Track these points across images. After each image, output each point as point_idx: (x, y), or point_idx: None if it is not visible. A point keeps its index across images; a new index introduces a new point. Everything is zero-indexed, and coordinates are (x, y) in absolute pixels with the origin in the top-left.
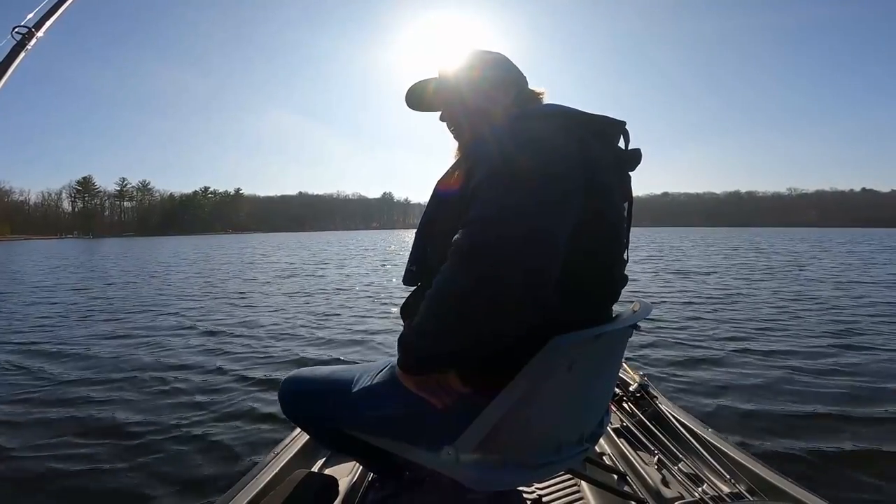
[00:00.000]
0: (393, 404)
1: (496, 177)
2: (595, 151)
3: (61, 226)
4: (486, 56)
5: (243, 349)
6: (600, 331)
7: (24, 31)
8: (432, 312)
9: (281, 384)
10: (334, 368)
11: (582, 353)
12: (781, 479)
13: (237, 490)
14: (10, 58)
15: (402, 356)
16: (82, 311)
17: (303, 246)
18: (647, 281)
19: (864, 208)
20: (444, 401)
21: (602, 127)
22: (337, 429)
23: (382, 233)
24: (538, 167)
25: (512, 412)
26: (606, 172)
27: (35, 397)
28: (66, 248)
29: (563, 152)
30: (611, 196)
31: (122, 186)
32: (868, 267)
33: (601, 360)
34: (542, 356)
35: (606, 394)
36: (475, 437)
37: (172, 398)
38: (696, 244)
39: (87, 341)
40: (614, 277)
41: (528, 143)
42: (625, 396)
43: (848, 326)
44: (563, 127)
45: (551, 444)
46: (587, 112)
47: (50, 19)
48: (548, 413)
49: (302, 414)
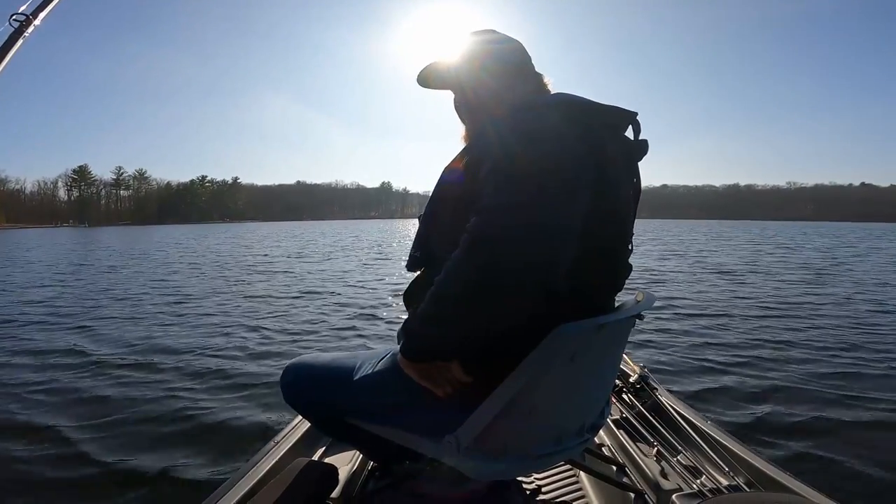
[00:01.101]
0: (394, 392)
1: (501, 169)
2: (602, 141)
3: (57, 214)
4: (489, 47)
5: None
6: (604, 320)
7: (21, 19)
8: (438, 300)
9: (283, 371)
10: (336, 355)
11: (585, 343)
12: (779, 472)
13: (237, 479)
14: (7, 45)
15: (405, 343)
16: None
17: (293, 236)
18: (698, 285)
19: (863, 203)
20: (447, 390)
21: (610, 117)
22: (337, 417)
23: (380, 222)
24: (539, 159)
25: (514, 402)
26: (614, 162)
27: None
28: (52, 238)
29: (564, 143)
30: (618, 187)
31: (118, 175)
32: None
33: (604, 350)
34: (546, 345)
35: (608, 384)
36: (477, 426)
37: (162, 388)
38: (711, 237)
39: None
40: (619, 267)
41: (528, 135)
42: (625, 387)
43: (858, 323)
44: (565, 117)
45: (552, 435)
46: (595, 101)
47: (48, 7)
48: (550, 403)
49: (303, 401)
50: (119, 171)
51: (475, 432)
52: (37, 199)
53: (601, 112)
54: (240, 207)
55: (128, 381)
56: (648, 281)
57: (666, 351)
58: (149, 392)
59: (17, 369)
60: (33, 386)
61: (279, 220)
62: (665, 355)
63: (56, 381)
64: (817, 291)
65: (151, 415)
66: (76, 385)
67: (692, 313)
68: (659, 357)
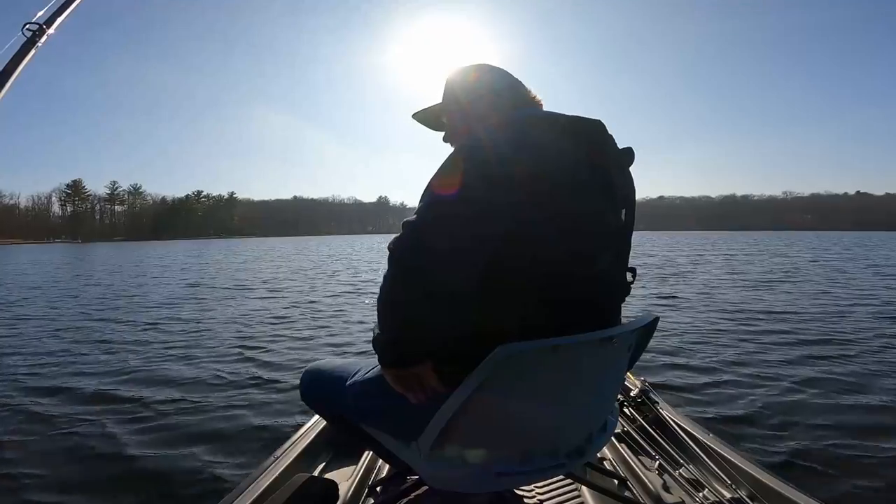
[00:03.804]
0: (377, 396)
1: (430, 184)
2: (549, 154)
3: (51, 230)
4: (469, 84)
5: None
6: (560, 342)
7: (34, 28)
8: (379, 304)
9: (302, 374)
10: (346, 360)
11: (539, 364)
12: (783, 485)
13: (237, 493)
14: (20, 54)
15: (375, 351)
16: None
17: (279, 255)
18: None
19: (859, 211)
20: (420, 397)
21: (574, 126)
22: (345, 417)
23: (375, 237)
24: (461, 175)
25: (464, 415)
26: (566, 173)
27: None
28: (36, 256)
29: (499, 159)
30: (572, 198)
31: (112, 190)
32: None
33: (575, 374)
34: (486, 362)
35: (596, 409)
36: (432, 434)
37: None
38: (711, 249)
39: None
40: (591, 283)
41: (467, 152)
42: (626, 401)
43: (865, 336)
44: (510, 135)
45: (517, 453)
46: (554, 113)
47: (61, 16)
48: (503, 420)
49: (315, 401)
50: (114, 185)
51: (431, 439)
52: (31, 214)
53: (557, 123)
54: (236, 223)
55: (122, 393)
56: (650, 296)
57: (667, 365)
58: (143, 403)
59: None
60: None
61: (276, 235)
62: (666, 369)
63: (51, 381)
64: (823, 303)
65: (147, 426)
66: (71, 387)
67: (695, 326)
68: (660, 371)
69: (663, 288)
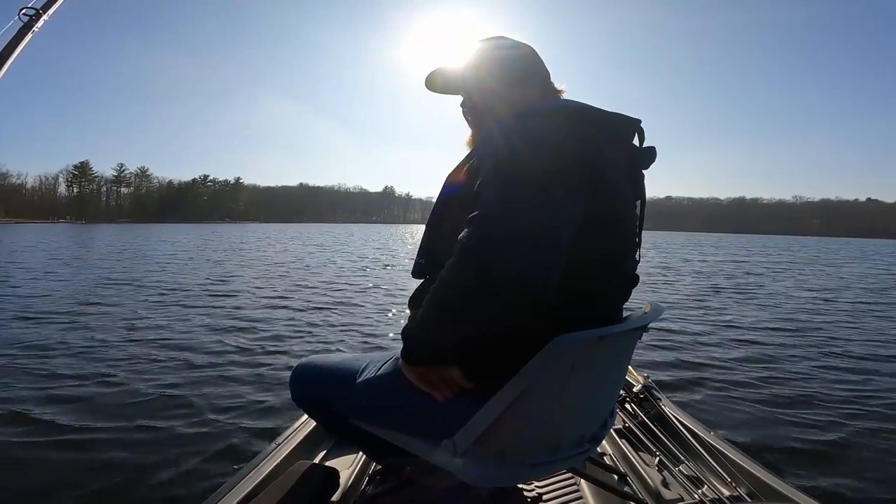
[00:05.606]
0: (395, 396)
1: (498, 175)
2: (602, 148)
3: (57, 210)
4: (496, 53)
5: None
6: (605, 332)
7: (31, 13)
8: (435, 304)
9: (293, 370)
10: (345, 357)
11: (585, 354)
12: (782, 483)
13: (237, 480)
14: (16, 39)
15: (405, 347)
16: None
17: (271, 241)
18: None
19: (868, 218)
20: (446, 395)
21: (613, 124)
22: (342, 417)
23: (379, 227)
24: (536, 166)
25: (511, 410)
26: (615, 170)
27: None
28: (36, 236)
29: (561, 149)
30: (618, 194)
31: (119, 172)
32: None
33: (606, 362)
34: (543, 356)
35: (611, 396)
36: (473, 432)
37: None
38: (719, 250)
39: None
40: (622, 277)
41: (527, 142)
42: (628, 397)
43: (867, 339)
44: (564, 124)
45: (551, 444)
46: (598, 108)
47: (58, 1)
48: (548, 413)
49: (309, 400)
50: (121, 167)
51: (472, 437)
52: (37, 195)
53: (602, 119)
54: (241, 208)
55: (121, 379)
56: (656, 291)
57: (671, 361)
58: (146, 389)
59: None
60: (30, 379)
61: (281, 221)
62: (670, 366)
63: (50, 371)
64: (829, 307)
65: (148, 414)
66: (70, 375)
67: (699, 324)
68: (664, 367)
69: (666, 285)
